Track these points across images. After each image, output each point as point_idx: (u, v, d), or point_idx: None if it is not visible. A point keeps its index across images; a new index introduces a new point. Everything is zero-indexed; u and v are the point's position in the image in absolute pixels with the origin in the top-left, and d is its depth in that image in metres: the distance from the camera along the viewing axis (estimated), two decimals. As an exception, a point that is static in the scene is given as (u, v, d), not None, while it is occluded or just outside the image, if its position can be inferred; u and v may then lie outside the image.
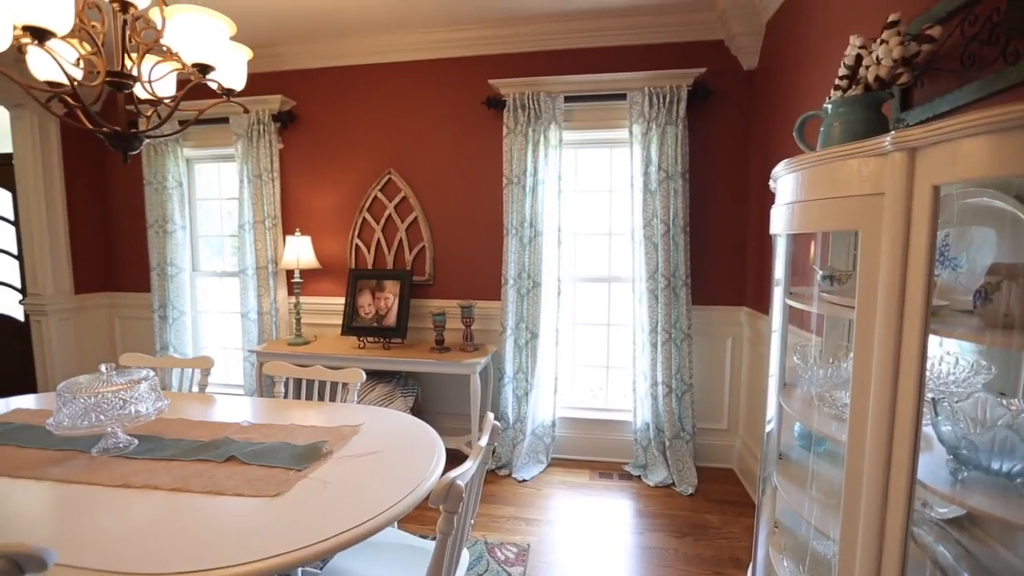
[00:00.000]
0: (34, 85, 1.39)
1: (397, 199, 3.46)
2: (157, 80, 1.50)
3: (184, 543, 1.09)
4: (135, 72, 1.42)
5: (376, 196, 3.49)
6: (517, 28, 3.15)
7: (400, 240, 3.48)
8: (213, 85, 1.53)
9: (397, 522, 1.42)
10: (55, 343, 3.77)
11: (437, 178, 3.42)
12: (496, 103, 3.17)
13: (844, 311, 1.19)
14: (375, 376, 3.25)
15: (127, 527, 1.15)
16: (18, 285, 4.20)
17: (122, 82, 1.39)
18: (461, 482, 1.12)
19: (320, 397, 2.18)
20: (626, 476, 3.10)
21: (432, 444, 1.62)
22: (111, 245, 4.06)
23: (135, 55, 1.42)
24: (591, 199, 3.44)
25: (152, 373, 1.63)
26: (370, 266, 3.53)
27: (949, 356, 1.11)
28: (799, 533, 1.54)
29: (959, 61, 1.27)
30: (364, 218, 3.52)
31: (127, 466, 1.44)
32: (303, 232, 3.51)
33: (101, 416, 1.47)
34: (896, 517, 0.95)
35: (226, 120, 3.50)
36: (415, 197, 3.44)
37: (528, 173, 3.11)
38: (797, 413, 1.38)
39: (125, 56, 1.39)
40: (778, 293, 1.51)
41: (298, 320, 3.38)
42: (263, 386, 3.31)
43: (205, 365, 2.30)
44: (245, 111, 2.07)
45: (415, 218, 3.45)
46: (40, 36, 1.17)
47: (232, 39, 1.51)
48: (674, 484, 2.95)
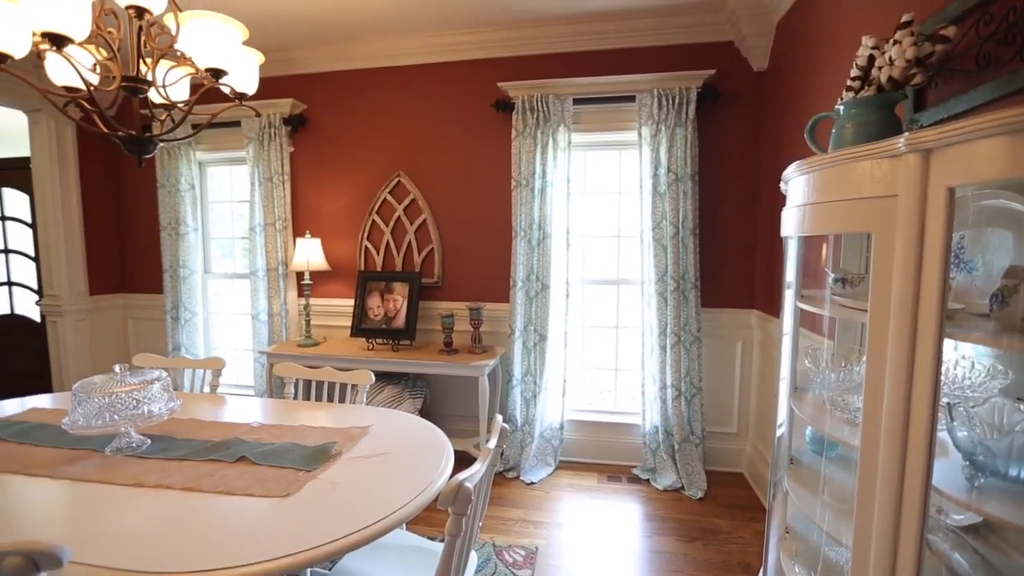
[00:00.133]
0: (52, 90, 1.41)
1: (406, 201, 3.48)
2: (171, 84, 1.53)
3: (195, 542, 1.10)
4: (150, 77, 1.44)
5: (385, 198, 3.51)
6: (526, 31, 3.15)
7: (409, 242, 3.50)
8: (226, 89, 1.55)
9: (406, 524, 1.42)
10: (70, 343, 3.83)
11: (446, 180, 3.43)
12: (505, 106, 3.18)
13: (856, 314, 1.18)
14: (384, 378, 3.26)
15: (139, 526, 1.17)
16: (35, 286, 4.28)
17: (137, 87, 1.41)
18: (470, 484, 1.12)
19: (329, 398, 2.19)
20: (635, 479, 3.08)
21: (441, 446, 1.63)
22: (125, 247, 4.13)
23: (150, 60, 1.45)
24: (600, 201, 3.43)
25: (164, 373, 1.65)
26: (379, 268, 3.54)
27: (965, 360, 1.09)
28: (811, 539, 1.53)
29: (974, 61, 1.25)
30: (373, 220, 3.54)
31: (140, 465, 1.46)
32: (313, 234, 3.54)
33: (115, 416, 1.49)
34: (911, 523, 0.94)
35: (238, 124, 3.54)
36: (424, 199, 3.45)
37: (537, 175, 3.11)
38: (808, 417, 1.37)
39: (140, 61, 1.41)
40: (789, 296, 1.49)
41: (308, 322, 3.40)
42: (273, 387, 3.34)
43: (216, 366, 2.33)
44: (257, 114, 2.09)
45: (424, 220, 3.46)
46: (58, 42, 1.19)
47: (244, 44, 1.53)
48: (683, 488, 2.92)
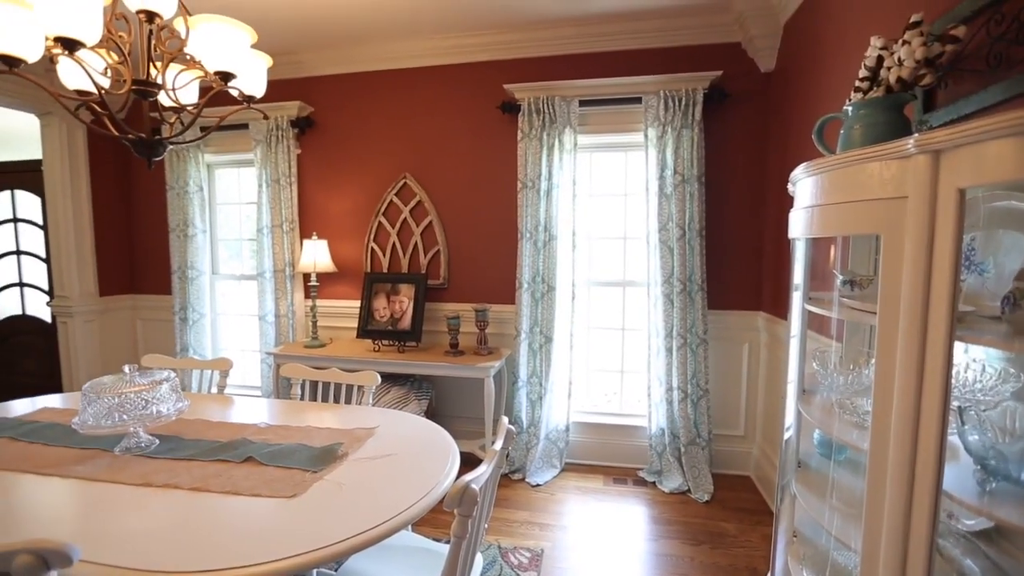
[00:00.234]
0: (64, 94, 1.43)
1: (412, 203, 3.49)
2: (181, 88, 1.55)
3: (203, 542, 1.11)
4: (159, 80, 1.46)
5: (391, 200, 3.52)
6: (532, 33, 3.16)
7: (415, 244, 3.51)
8: (234, 92, 1.57)
9: (411, 525, 1.42)
10: (80, 344, 3.87)
11: (452, 182, 3.44)
12: (511, 107, 3.18)
13: (865, 316, 1.17)
14: (390, 379, 3.27)
15: (148, 525, 1.18)
16: (46, 287, 4.33)
17: (147, 90, 1.43)
18: (476, 486, 1.12)
19: (335, 399, 2.20)
20: (640, 482, 3.07)
21: (446, 447, 1.63)
22: (134, 248, 4.16)
23: (160, 64, 1.46)
24: (606, 203, 3.42)
25: (173, 374, 1.67)
26: (385, 270, 3.55)
27: (975, 363, 1.08)
28: (819, 543, 1.51)
29: (985, 61, 1.24)
30: (380, 222, 3.55)
31: (148, 465, 1.47)
32: (320, 236, 3.55)
33: (124, 416, 1.50)
34: (921, 528, 0.93)
35: (246, 126, 3.57)
36: (430, 201, 3.46)
37: (543, 177, 3.11)
38: (816, 420, 1.36)
39: (150, 65, 1.43)
40: (797, 298, 1.48)
41: (314, 323, 3.42)
42: (280, 388, 3.36)
43: (224, 367, 2.34)
44: (265, 117, 2.11)
45: (430, 222, 3.47)
46: (70, 46, 1.20)
47: (253, 47, 1.54)
48: (689, 491, 2.91)
